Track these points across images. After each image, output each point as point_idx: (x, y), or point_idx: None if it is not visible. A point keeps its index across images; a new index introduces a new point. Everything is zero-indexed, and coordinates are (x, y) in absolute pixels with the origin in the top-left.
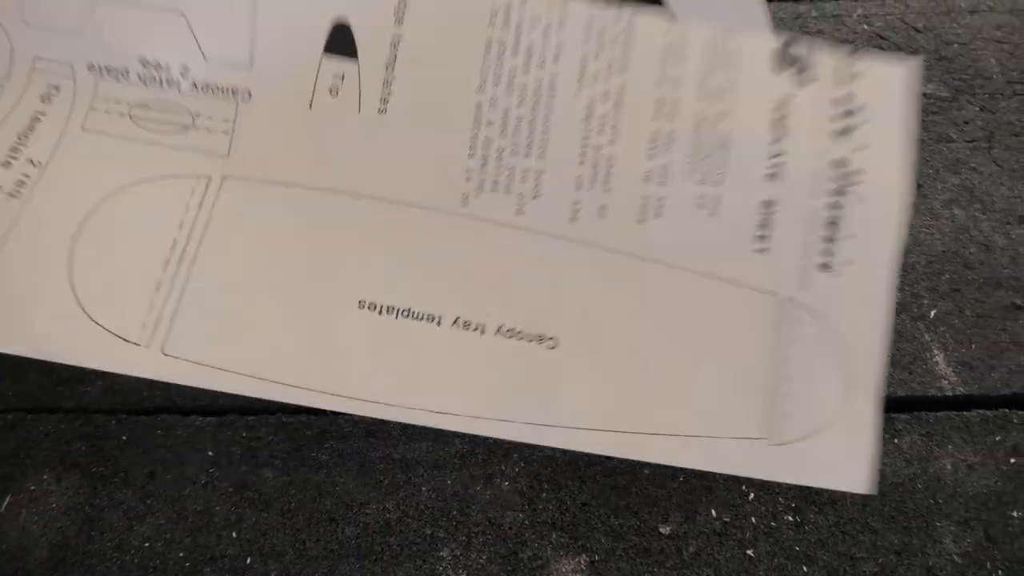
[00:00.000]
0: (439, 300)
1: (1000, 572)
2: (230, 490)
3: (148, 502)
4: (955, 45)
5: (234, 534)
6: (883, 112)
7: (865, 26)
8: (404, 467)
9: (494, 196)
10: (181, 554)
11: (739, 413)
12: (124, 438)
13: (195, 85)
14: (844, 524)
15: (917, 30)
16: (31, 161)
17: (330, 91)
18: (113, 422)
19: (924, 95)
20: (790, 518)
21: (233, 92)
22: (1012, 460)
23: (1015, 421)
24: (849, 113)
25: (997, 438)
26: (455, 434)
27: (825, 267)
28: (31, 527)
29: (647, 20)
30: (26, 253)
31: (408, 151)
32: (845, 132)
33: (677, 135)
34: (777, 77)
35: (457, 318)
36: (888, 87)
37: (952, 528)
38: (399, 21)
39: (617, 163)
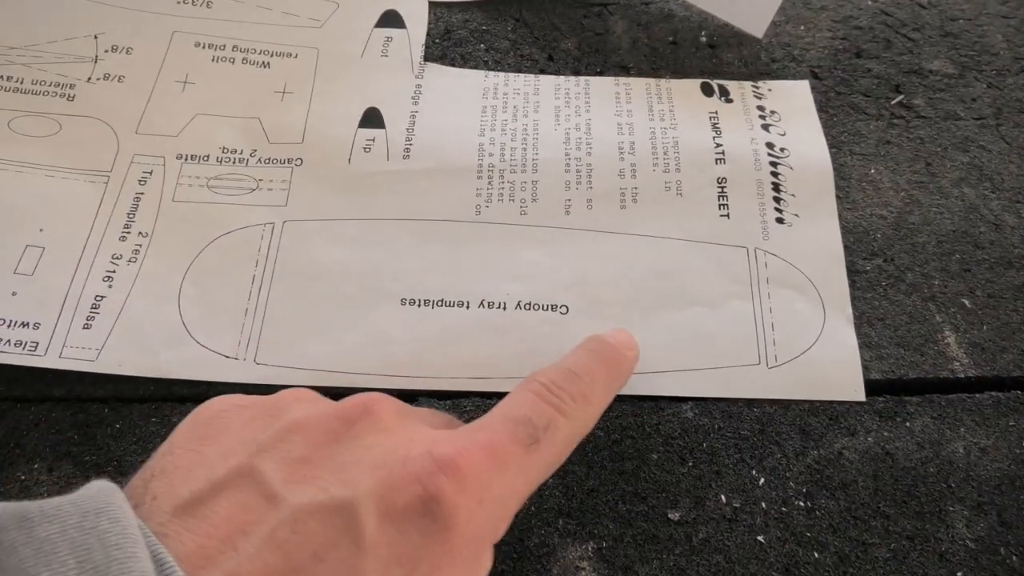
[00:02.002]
0: (465, 288)
1: (1015, 557)
2: None
3: None
4: (961, 21)
5: None
6: (792, 111)
7: (869, 2)
8: None
9: (500, 204)
10: None
11: (735, 346)
12: (118, 426)
13: (260, 160)
14: (856, 509)
15: (922, 6)
16: (140, 233)
17: (364, 149)
18: (106, 410)
19: (930, 72)
20: (801, 503)
21: (289, 160)
22: None
23: None
24: (767, 115)
25: (1010, 421)
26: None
27: (780, 220)
28: None
29: (599, 80)
30: (145, 302)
31: (429, 181)
32: (766, 127)
33: (637, 143)
34: (708, 99)
35: (482, 300)
36: (793, 95)
37: (965, 513)
38: (415, 102)
39: (595, 167)
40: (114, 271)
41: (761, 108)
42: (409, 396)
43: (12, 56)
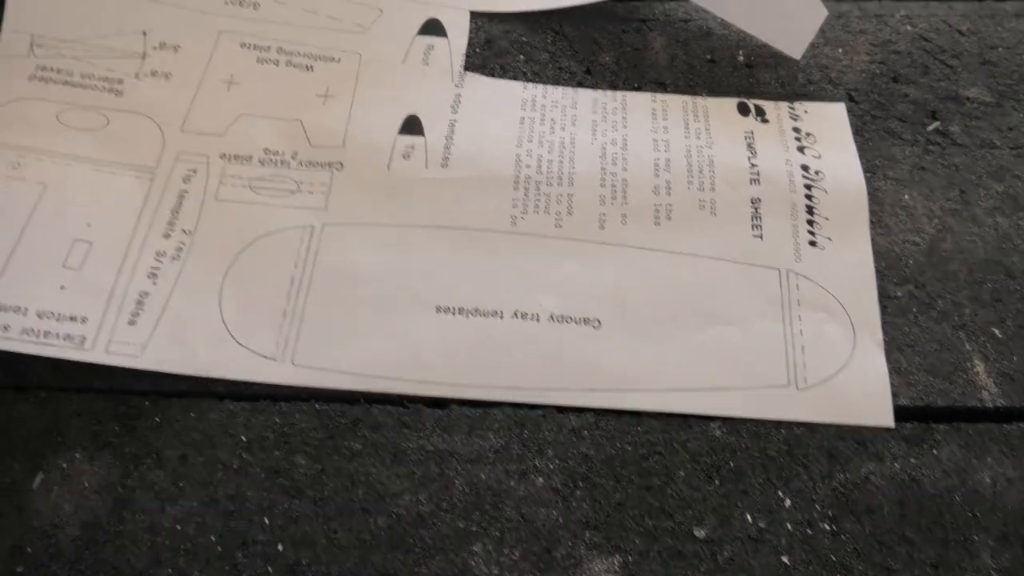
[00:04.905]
0: (499, 299)
1: None
2: (262, 476)
3: (180, 485)
4: (1000, 49)
5: (266, 520)
6: (827, 133)
7: (908, 27)
8: (438, 459)
9: (536, 216)
10: (213, 538)
11: (764, 366)
12: (157, 419)
13: (301, 163)
14: (881, 534)
15: (961, 33)
16: (184, 230)
17: (403, 156)
18: (146, 403)
19: (967, 99)
20: (827, 526)
21: (329, 164)
22: None
23: None
24: (802, 136)
25: None
26: (490, 427)
27: (812, 243)
28: (63, 505)
29: (636, 95)
30: (187, 300)
31: (466, 190)
32: (802, 149)
33: (672, 160)
34: (744, 118)
35: (516, 311)
36: (829, 117)
37: (990, 543)
38: (455, 111)
39: (630, 183)
40: (158, 268)
41: (797, 130)
42: (441, 404)
43: (62, 49)
